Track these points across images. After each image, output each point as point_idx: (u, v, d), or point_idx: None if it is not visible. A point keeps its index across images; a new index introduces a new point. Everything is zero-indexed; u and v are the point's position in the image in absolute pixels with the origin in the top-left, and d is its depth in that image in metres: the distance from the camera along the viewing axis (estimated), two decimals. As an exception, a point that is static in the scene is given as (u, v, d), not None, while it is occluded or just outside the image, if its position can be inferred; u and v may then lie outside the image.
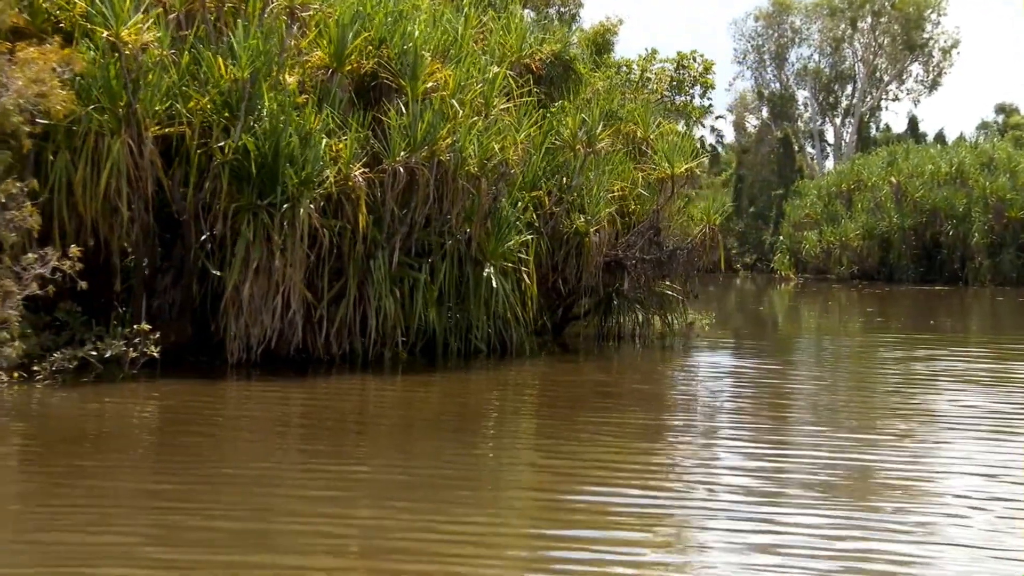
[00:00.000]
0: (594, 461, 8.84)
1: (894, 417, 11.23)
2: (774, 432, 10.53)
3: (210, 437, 9.70)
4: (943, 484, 8.18)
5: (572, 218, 15.74)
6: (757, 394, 13.15)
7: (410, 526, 6.68)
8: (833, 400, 12.68)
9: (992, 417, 11.06)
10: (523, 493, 7.96)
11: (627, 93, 19.05)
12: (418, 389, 12.98)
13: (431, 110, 13.40)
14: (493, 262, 14.62)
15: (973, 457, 9.08)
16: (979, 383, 13.77)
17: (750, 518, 7.00)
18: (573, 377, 14.43)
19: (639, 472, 8.53)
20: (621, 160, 17.06)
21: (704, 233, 16.97)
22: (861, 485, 8.12)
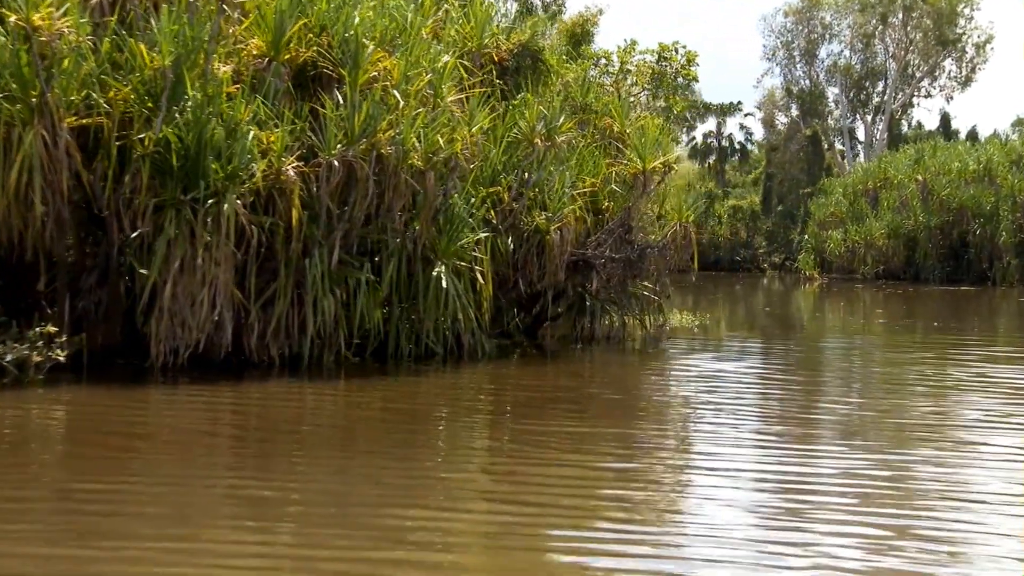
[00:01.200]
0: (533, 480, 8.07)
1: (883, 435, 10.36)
2: (724, 443, 9.73)
3: (99, 447, 9.00)
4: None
5: (533, 215, 14.96)
6: (718, 400, 12.32)
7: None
8: (786, 408, 11.82)
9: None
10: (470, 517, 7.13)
11: (605, 86, 18.22)
12: (358, 395, 12.27)
13: (370, 101, 12.69)
14: (445, 261, 13.89)
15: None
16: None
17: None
18: (527, 381, 13.67)
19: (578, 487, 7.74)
20: (591, 154, 16.27)
21: (675, 231, 16.12)
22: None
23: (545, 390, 13.15)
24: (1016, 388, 13.13)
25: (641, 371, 14.98)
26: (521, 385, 13.35)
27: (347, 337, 13.32)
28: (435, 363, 13.97)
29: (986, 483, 7.89)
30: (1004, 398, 12.29)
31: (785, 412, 11.37)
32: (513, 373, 14.10)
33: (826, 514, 6.93)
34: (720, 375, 14.44)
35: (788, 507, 7.14)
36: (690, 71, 19.29)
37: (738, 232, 57.01)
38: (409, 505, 7.02)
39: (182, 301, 11.94)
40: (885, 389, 13.37)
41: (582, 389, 13.43)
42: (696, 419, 11.07)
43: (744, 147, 63.41)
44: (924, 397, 12.49)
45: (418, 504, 7.07)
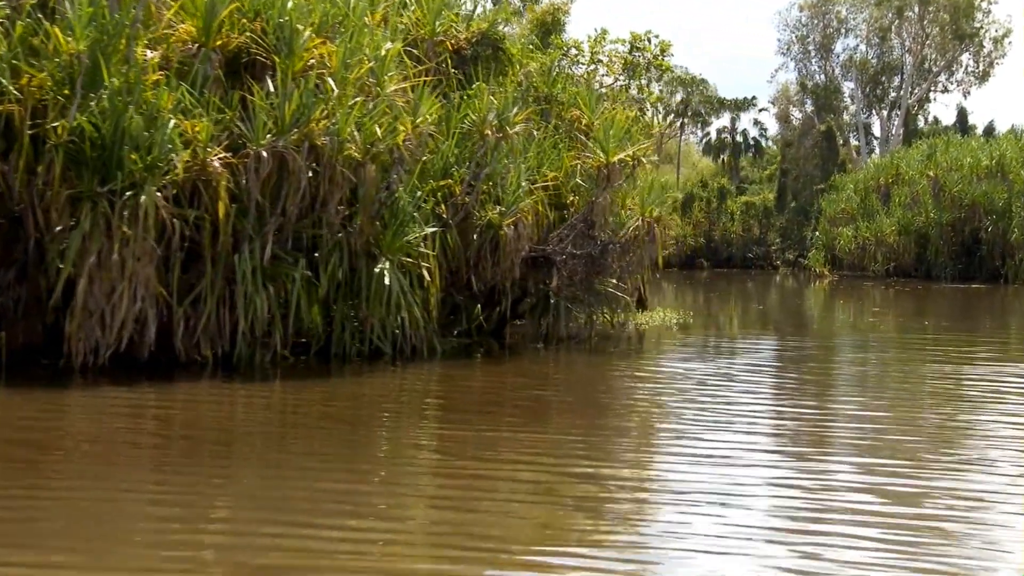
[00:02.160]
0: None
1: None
2: (648, 451, 9.07)
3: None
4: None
5: (487, 209, 14.30)
6: (670, 403, 11.64)
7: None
8: (740, 413, 11.10)
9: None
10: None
11: (577, 77, 17.53)
12: (293, 397, 11.64)
13: (301, 89, 12.07)
14: (390, 257, 13.27)
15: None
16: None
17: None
18: (472, 383, 13.04)
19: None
20: (552, 146, 15.59)
21: (638, 227, 15.42)
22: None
23: (489, 392, 12.54)
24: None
25: (598, 372, 14.28)
26: (465, 387, 12.74)
27: (284, 336, 12.72)
28: (383, 363, 13.37)
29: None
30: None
31: (739, 417, 10.67)
32: (461, 374, 13.45)
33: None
34: (681, 376, 13.77)
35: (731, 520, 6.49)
36: (663, 61, 18.55)
37: (751, 229, 56.12)
38: (347, 514, 6.62)
39: (100, 298, 11.36)
40: (854, 392, 12.65)
41: (528, 391, 12.78)
42: (643, 424, 10.45)
43: (758, 143, 62.45)
44: (886, 400, 11.78)
45: (358, 513, 6.67)
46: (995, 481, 7.69)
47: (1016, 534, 6.41)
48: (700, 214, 55.82)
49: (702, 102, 62.20)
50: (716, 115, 61.82)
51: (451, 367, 13.69)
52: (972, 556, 5.83)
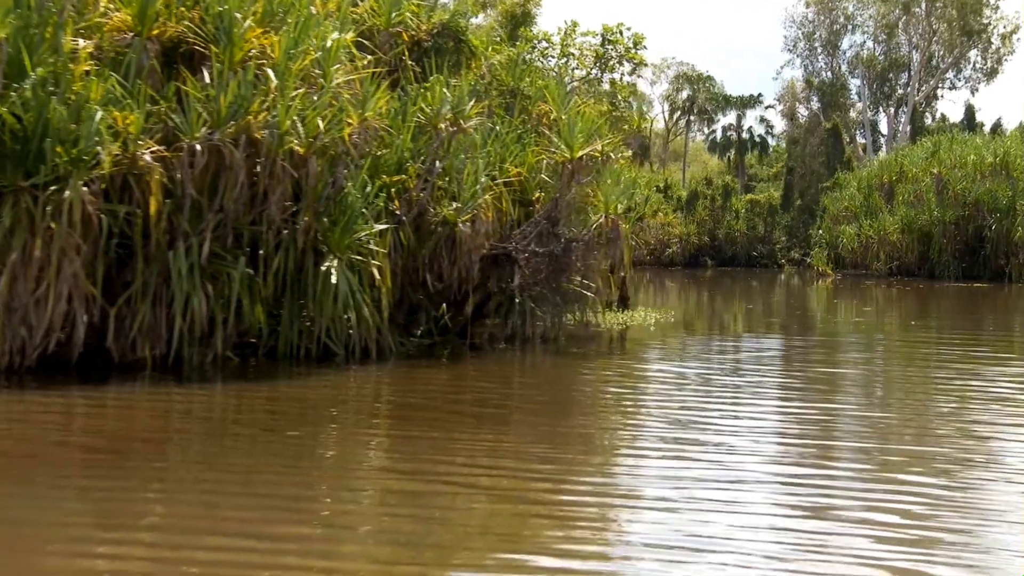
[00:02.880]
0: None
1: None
2: (614, 456, 8.54)
3: None
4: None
5: (443, 205, 13.78)
6: (627, 406, 11.11)
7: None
8: (693, 417, 10.53)
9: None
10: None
11: (548, 70, 16.98)
12: (234, 400, 11.13)
13: (239, 80, 11.56)
14: (339, 254, 12.76)
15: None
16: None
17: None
18: (422, 386, 12.45)
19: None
20: (514, 141, 15.06)
21: (601, 225, 14.88)
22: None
23: (446, 394, 11.99)
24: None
25: (563, 373, 13.75)
26: (421, 389, 12.16)
27: (225, 336, 12.23)
28: (335, 364, 12.86)
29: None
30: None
31: (700, 421, 10.11)
32: (418, 376, 12.90)
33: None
34: (647, 377, 13.27)
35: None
36: (636, 54, 17.94)
37: (756, 227, 55.43)
38: (291, 522, 6.27)
39: (24, 296, 10.88)
40: (826, 396, 12.07)
41: (488, 393, 12.20)
42: (605, 427, 9.95)
43: (764, 141, 61.75)
44: (853, 403, 11.21)
45: (302, 521, 6.33)
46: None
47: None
48: (704, 212, 55.19)
49: (708, 99, 61.57)
50: (722, 112, 61.08)
51: (408, 368, 13.18)
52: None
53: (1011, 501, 7.11)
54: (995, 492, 7.35)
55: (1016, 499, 7.19)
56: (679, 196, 55.95)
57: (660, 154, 67.86)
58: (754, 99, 60.68)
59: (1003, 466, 8.31)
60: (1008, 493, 7.32)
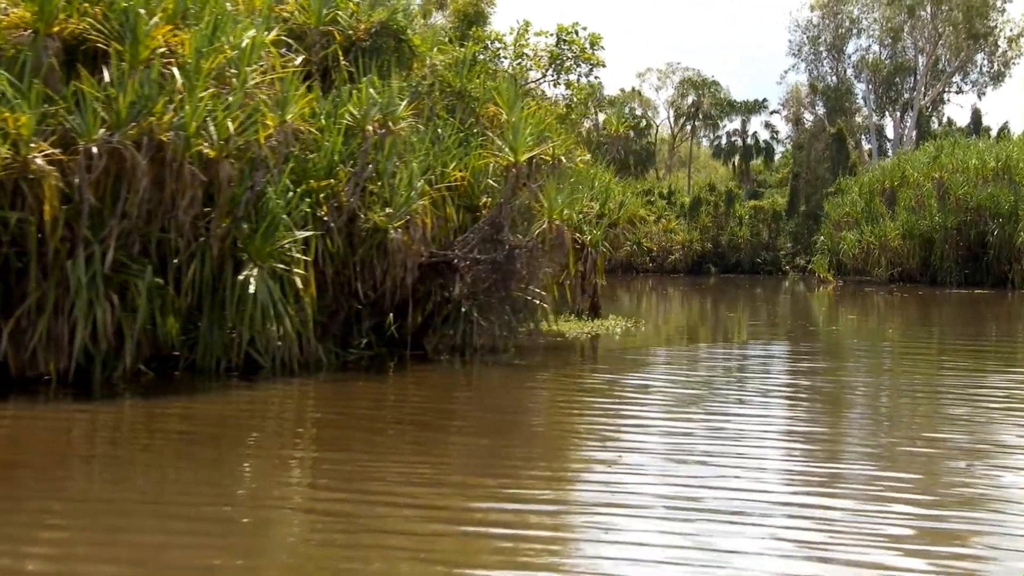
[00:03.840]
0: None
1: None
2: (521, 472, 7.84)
3: None
4: None
5: (374, 211, 13.08)
6: (579, 419, 10.39)
7: None
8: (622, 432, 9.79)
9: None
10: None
11: (501, 71, 16.26)
12: (143, 417, 10.43)
13: (139, 79, 10.89)
14: (260, 263, 12.07)
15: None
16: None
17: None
18: (359, 400, 11.75)
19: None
20: (457, 144, 14.35)
21: (543, 231, 14.14)
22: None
23: (376, 409, 11.34)
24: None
25: (506, 385, 13.04)
26: (349, 404, 11.48)
27: (135, 349, 11.55)
28: (260, 378, 12.19)
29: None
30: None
31: (640, 432, 9.40)
32: (337, 390, 12.22)
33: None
34: (596, 389, 12.58)
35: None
36: (592, 55, 17.17)
37: (760, 233, 54.46)
38: (200, 549, 5.85)
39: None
40: (775, 410, 11.28)
41: (424, 407, 11.57)
42: (548, 442, 9.42)
43: (770, 146, 60.78)
44: (801, 414, 10.42)
45: (214, 547, 5.90)
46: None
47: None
48: (708, 218, 54.29)
49: (713, 104, 60.71)
50: (728, 118, 60.20)
51: (337, 381, 12.53)
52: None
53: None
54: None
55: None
56: (682, 203, 55.05)
57: (667, 160, 67.01)
58: (759, 104, 59.72)
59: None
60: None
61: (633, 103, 64.42)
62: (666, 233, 53.38)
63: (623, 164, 62.07)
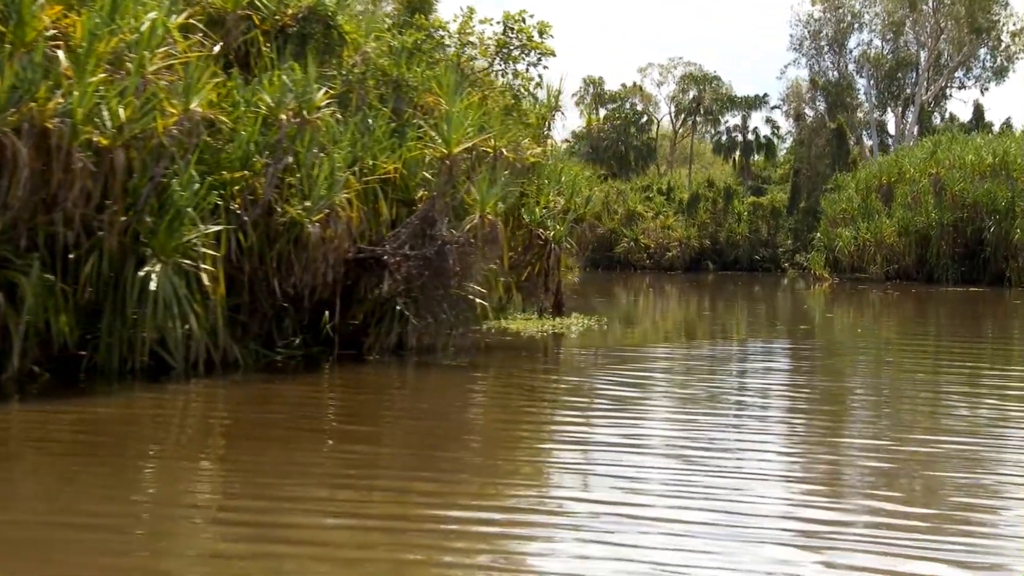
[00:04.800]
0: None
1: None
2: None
3: None
4: None
5: (292, 204, 12.33)
6: (507, 422, 9.67)
7: None
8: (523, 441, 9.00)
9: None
10: None
11: (447, 60, 15.47)
12: (35, 420, 9.67)
13: (17, 62, 10.15)
14: (164, 258, 11.33)
15: None
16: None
17: None
18: (272, 403, 11.01)
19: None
20: (388, 135, 13.59)
21: (475, 226, 13.36)
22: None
23: (291, 412, 10.58)
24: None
25: (437, 387, 12.31)
26: (263, 407, 10.78)
27: (24, 349, 10.82)
28: (170, 379, 11.47)
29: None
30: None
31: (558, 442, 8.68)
32: (246, 392, 11.49)
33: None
34: (531, 389, 11.90)
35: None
36: (541, 44, 16.34)
37: (759, 230, 53.52)
38: (94, 569, 5.36)
39: None
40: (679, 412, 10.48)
41: (342, 410, 10.88)
42: (476, 450, 8.80)
43: (771, 142, 59.75)
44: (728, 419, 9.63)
45: (108, 568, 5.39)
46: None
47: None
48: (706, 215, 53.37)
49: (714, 100, 59.72)
50: (729, 113, 59.20)
51: (254, 383, 11.83)
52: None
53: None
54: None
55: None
56: (680, 199, 54.14)
57: (668, 156, 66.05)
58: (759, 99, 58.71)
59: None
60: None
61: (634, 98, 63.49)
62: (664, 230, 52.51)
63: (623, 159, 61.31)
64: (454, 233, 13.63)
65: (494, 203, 13.36)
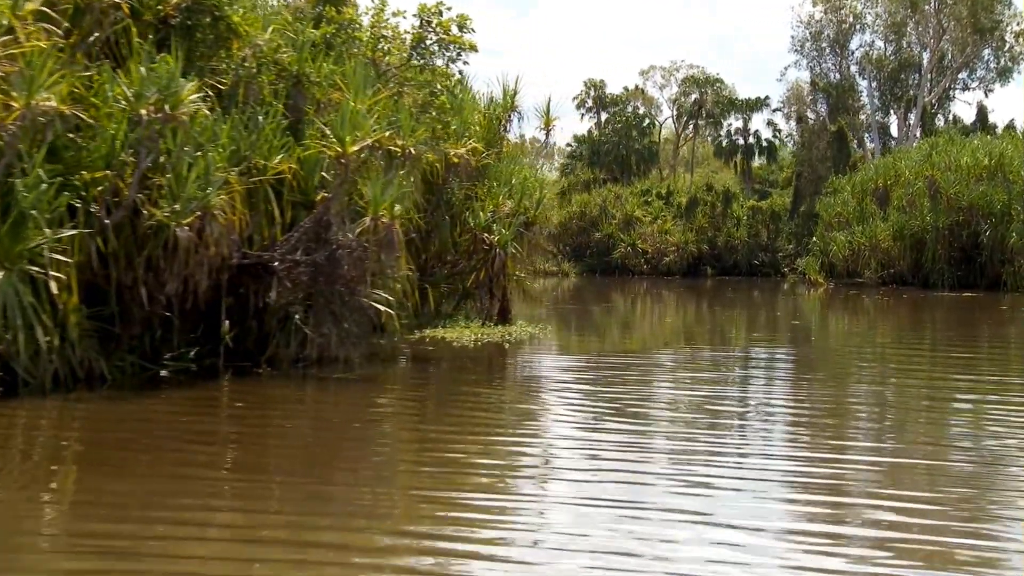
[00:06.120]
0: None
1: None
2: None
3: None
4: None
5: (161, 207, 11.32)
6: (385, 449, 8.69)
7: None
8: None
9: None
10: None
11: (361, 54, 14.43)
12: None
13: None
14: (8, 265, 10.37)
15: None
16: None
17: None
18: (127, 422, 10.05)
19: None
20: (276, 132, 12.57)
21: (366, 228, 12.31)
22: None
23: (147, 432, 9.61)
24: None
25: (323, 403, 11.33)
26: (124, 426, 9.82)
27: None
28: (22, 395, 10.53)
29: None
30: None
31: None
32: (94, 411, 10.49)
33: None
34: (413, 405, 10.94)
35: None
36: (459, 38, 15.22)
37: (759, 234, 52.08)
38: None
39: None
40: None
41: (155, 431, 9.83)
42: (348, 480, 7.88)
43: (772, 145, 58.34)
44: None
45: None
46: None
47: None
48: (704, 219, 52.00)
49: (716, 102, 58.40)
50: (729, 116, 57.85)
51: (114, 399, 10.88)
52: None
53: None
54: None
55: None
56: (679, 203, 52.83)
57: (670, 160, 64.73)
58: (761, 102, 57.26)
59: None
60: None
61: (637, 101, 62.26)
62: (661, 234, 51.22)
63: (624, 163, 60.04)
64: (350, 237, 12.60)
65: (390, 204, 12.29)
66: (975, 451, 8.86)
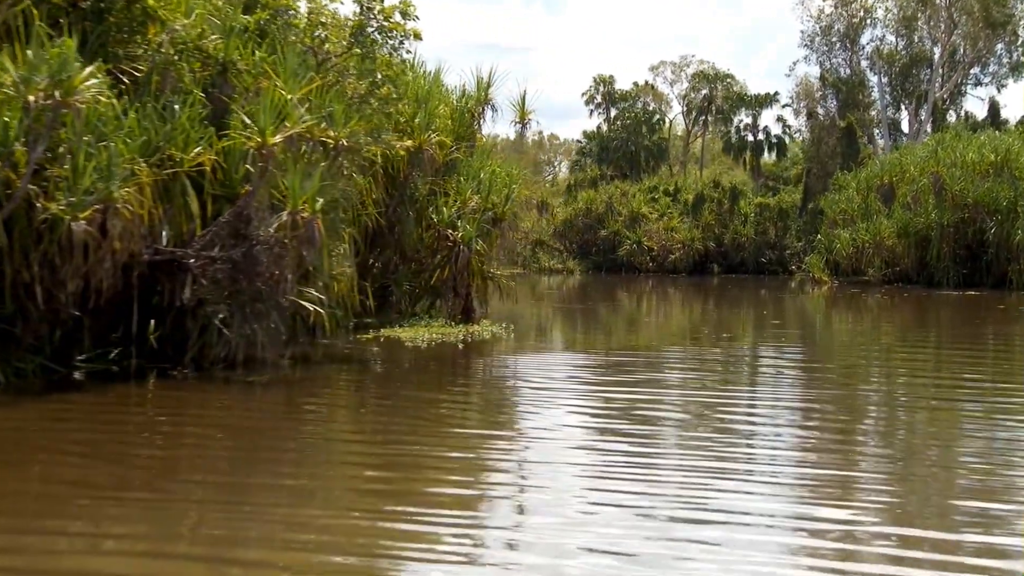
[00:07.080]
0: None
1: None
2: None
3: None
4: None
5: (57, 199, 10.53)
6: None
7: None
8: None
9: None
10: None
11: (301, 43, 13.59)
12: None
13: None
14: None
15: None
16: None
17: None
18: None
19: None
20: (191, 122, 11.75)
21: (286, 225, 11.48)
22: None
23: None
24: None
25: (228, 409, 10.53)
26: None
27: None
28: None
29: None
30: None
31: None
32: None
33: None
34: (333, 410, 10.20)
35: None
36: (402, 25, 14.31)
37: (766, 232, 50.93)
38: None
39: None
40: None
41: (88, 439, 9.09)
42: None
43: (782, 141, 57.14)
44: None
45: None
46: None
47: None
48: (711, 216, 50.91)
49: (725, 98, 57.26)
50: (739, 112, 56.70)
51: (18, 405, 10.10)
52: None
53: None
54: None
55: None
56: (686, 200, 51.75)
57: (680, 156, 63.64)
58: (770, 97, 56.07)
59: None
60: None
61: (646, 97, 61.22)
62: (667, 231, 50.19)
63: (634, 160, 59.03)
64: (271, 232, 11.77)
65: (311, 197, 11.44)
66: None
